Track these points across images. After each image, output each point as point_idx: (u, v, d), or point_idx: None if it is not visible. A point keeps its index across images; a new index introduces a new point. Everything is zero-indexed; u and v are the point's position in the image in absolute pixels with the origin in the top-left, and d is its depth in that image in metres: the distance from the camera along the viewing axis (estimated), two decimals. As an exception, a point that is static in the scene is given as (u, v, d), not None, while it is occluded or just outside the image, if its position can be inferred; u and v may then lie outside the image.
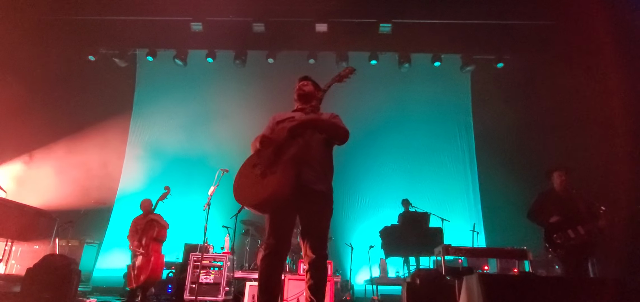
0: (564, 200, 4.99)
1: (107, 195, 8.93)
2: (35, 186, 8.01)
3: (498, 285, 2.76)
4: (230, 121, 9.08)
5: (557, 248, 4.81)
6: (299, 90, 3.27)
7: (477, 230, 7.27)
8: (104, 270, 8.45)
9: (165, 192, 6.16)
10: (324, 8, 8.17)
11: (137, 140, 9.89)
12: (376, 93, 9.54)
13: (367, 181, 9.14)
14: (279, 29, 8.83)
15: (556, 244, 4.81)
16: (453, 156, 9.65)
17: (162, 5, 8.35)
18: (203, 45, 9.45)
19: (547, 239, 4.94)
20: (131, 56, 10.06)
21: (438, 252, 5.12)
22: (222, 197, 5.35)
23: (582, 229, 4.68)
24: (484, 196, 9.25)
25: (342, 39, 9.01)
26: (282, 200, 2.65)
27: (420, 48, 9.35)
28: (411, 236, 6.98)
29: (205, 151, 8.99)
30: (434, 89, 9.73)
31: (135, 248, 5.97)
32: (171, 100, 9.83)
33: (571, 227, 4.73)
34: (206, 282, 5.81)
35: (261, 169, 2.73)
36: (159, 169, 9.14)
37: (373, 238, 7.38)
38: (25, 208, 6.29)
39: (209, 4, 8.33)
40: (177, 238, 7.47)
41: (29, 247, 6.93)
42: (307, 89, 3.25)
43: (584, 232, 4.67)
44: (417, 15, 8.54)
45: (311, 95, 3.21)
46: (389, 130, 9.40)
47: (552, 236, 4.83)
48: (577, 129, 7.57)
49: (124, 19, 8.75)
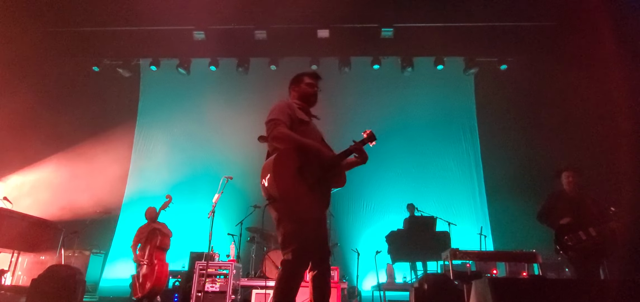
0: (574, 201, 4.91)
1: (113, 204, 8.94)
2: (41, 196, 8.03)
3: (509, 289, 2.72)
4: (233, 128, 9.09)
5: (569, 250, 4.70)
6: (317, 91, 3.20)
7: (485, 233, 7.19)
8: (111, 280, 8.44)
9: (167, 201, 6.16)
10: (325, 14, 8.19)
11: (142, 149, 9.93)
12: (379, 98, 9.53)
13: (372, 186, 9.09)
14: (281, 36, 8.86)
15: (567, 246, 4.71)
16: (458, 159, 9.59)
17: (165, 15, 8.39)
18: (206, 54, 9.49)
19: (557, 241, 4.84)
20: (135, 66, 10.12)
21: (445, 256, 5.06)
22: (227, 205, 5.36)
23: (593, 230, 4.58)
24: (490, 198, 9.17)
25: (344, 45, 9.04)
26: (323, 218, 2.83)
27: (423, 52, 9.33)
28: (418, 241, 6.93)
29: (210, 158, 9.00)
30: (437, 92, 9.71)
31: (138, 258, 5.96)
32: (175, 109, 9.86)
33: (582, 229, 4.64)
34: (212, 291, 5.78)
35: (310, 181, 2.71)
36: (163, 177, 9.14)
37: (379, 243, 7.33)
38: (31, 219, 6.29)
39: (211, 13, 8.37)
40: (182, 246, 7.46)
41: (35, 258, 6.92)
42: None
43: (596, 234, 4.57)
44: (418, 19, 8.54)
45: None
46: (393, 134, 9.35)
47: (563, 238, 4.73)
48: (583, 129, 7.50)
49: (127, 30, 8.83)
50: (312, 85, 3.17)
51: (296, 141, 2.75)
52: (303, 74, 3.22)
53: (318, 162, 2.77)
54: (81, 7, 8.22)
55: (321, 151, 2.80)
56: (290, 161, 2.69)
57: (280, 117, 2.80)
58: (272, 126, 2.77)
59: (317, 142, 2.87)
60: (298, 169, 2.68)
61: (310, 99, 3.17)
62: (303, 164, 2.71)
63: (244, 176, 8.00)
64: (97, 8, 8.16)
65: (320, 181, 2.74)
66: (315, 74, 3.26)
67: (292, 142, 2.74)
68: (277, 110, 2.85)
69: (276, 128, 2.75)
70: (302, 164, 2.71)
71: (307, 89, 3.16)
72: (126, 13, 8.30)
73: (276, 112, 2.84)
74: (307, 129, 2.94)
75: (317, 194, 2.72)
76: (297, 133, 2.82)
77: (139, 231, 6.38)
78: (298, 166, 2.69)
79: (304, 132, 2.87)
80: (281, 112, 2.83)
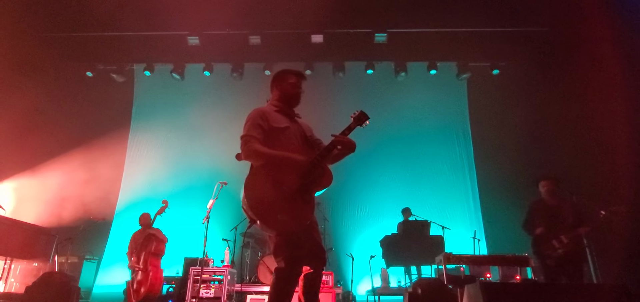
0: (550, 209, 5.09)
1: (106, 210, 8.87)
2: (34, 202, 7.98)
3: (500, 293, 2.76)
4: (228, 134, 9.00)
5: (546, 258, 4.87)
6: (300, 92, 3.07)
7: (478, 237, 7.25)
8: (104, 286, 8.37)
9: (163, 206, 6.15)
10: (319, 19, 8.23)
11: (136, 155, 9.88)
12: (373, 102, 9.57)
13: (366, 190, 9.12)
14: (275, 41, 8.89)
15: (544, 255, 4.88)
16: (452, 163, 9.65)
17: (159, 21, 8.40)
18: (200, 59, 9.50)
19: (534, 249, 5.01)
20: (129, 71, 10.08)
21: (439, 260, 5.11)
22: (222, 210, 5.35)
23: (565, 237, 4.77)
24: (484, 202, 9.23)
25: (338, 50, 9.09)
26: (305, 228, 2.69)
27: (416, 57, 9.40)
28: (412, 245, 6.97)
29: (204, 164, 8.97)
30: (430, 97, 9.78)
31: (133, 264, 5.94)
32: (169, 114, 9.84)
33: (556, 237, 4.82)
34: (207, 297, 5.77)
35: (288, 193, 2.64)
36: (157, 182, 9.10)
37: (374, 248, 7.35)
38: (24, 225, 6.26)
39: (205, 18, 8.38)
40: (176, 252, 7.43)
41: (28, 264, 6.88)
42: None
43: (568, 241, 4.75)
44: (412, 24, 8.61)
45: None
46: (387, 139, 9.40)
47: (538, 247, 4.93)
48: (576, 133, 7.59)
49: (121, 35, 8.80)
50: (295, 86, 3.05)
51: (267, 156, 2.70)
52: (287, 72, 3.10)
53: (294, 171, 2.70)
54: (75, 12, 8.19)
55: (295, 160, 2.72)
56: (263, 178, 2.65)
57: (251, 132, 2.76)
58: (243, 143, 2.75)
59: (292, 150, 2.80)
60: (274, 183, 2.64)
61: (291, 101, 3.06)
62: (278, 178, 2.66)
63: (238, 181, 7.88)
64: (90, 13, 8.13)
65: (300, 189, 2.68)
66: (299, 73, 3.13)
67: (263, 157, 2.70)
68: (249, 125, 2.80)
69: (247, 145, 2.72)
70: (277, 177, 2.66)
71: (289, 89, 3.04)
72: (120, 18, 8.29)
73: (247, 126, 2.80)
74: (284, 136, 2.86)
75: (298, 203, 2.65)
76: (274, 142, 2.78)
77: (134, 237, 6.36)
78: (273, 180, 2.65)
79: (280, 139, 2.82)
80: (253, 126, 2.78)
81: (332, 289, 5.90)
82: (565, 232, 4.79)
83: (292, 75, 3.07)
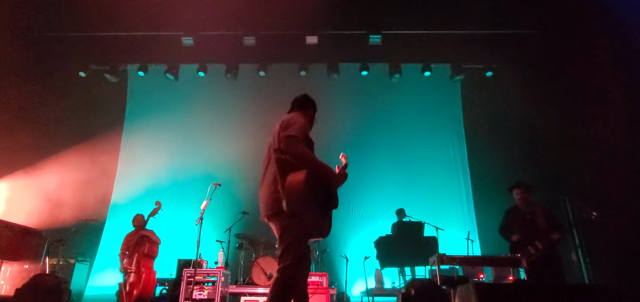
0: (525, 216, 5.33)
1: (99, 211, 8.80)
2: (24, 203, 7.89)
3: (493, 293, 2.76)
4: (222, 135, 9.06)
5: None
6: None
7: (472, 238, 7.28)
8: (96, 288, 8.31)
9: (156, 208, 6.11)
10: (314, 20, 8.24)
11: (129, 155, 9.82)
12: (367, 104, 9.60)
13: (360, 192, 9.12)
14: (269, 42, 8.87)
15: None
16: (445, 164, 9.69)
17: (153, 21, 8.35)
18: (194, 60, 9.45)
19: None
20: (122, 72, 10.01)
21: (433, 261, 5.11)
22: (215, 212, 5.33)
23: (539, 244, 5.03)
24: (477, 203, 9.27)
25: (333, 51, 9.09)
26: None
27: (410, 58, 9.43)
28: (406, 246, 6.99)
29: (198, 165, 8.94)
30: (424, 98, 9.83)
31: (125, 266, 5.90)
32: (163, 115, 9.77)
33: (531, 244, 5.06)
34: (200, 299, 5.74)
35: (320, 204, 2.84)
36: (151, 183, 9.05)
37: (368, 249, 7.36)
38: (14, 227, 6.19)
39: (199, 19, 8.35)
40: (170, 254, 7.39)
41: (19, 266, 6.79)
42: None
43: (542, 246, 5.01)
44: (406, 26, 8.64)
45: None
46: (381, 140, 9.44)
47: (516, 254, 5.09)
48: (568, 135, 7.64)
49: (115, 35, 8.74)
50: (314, 121, 3.32)
51: (314, 162, 2.82)
52: (313, 105, 3.36)
53: (328, 185, 2.91)
54: (68, 12, 8.12)
55: (335, 176, 2.95)
56: (316, 182, 2.77)
57: (301, 135, 2.83)
58: (294, 143, 2.79)
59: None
60: (324, 189, 2.86)
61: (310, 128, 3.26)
62: (315, 186, 2.75)
63: (232, 182, 8.00)
64: (83, 13, 8.07)
65: (325, 202, 2.89)
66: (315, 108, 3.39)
67: (311, 162, 2.79)
68: (298, 128, 2.87)
69: (298, 146, 2.78)
70: (315, 185, 2.75)
71: (311, 121, 3.29)
72: (113, 18, 8.23)
73: (297, 128, 2.86)
74: (313, 150, 3.04)
75: (330, 213, 2.94)
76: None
77: (127, 239, 6.31)
78: (324, 186, 2.86)
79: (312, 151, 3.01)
80: (301, 130, 2.87)
81: (327, 290, 5.89)
82: (539, 238, 5.06)
83: (314, 109, 3.38)
